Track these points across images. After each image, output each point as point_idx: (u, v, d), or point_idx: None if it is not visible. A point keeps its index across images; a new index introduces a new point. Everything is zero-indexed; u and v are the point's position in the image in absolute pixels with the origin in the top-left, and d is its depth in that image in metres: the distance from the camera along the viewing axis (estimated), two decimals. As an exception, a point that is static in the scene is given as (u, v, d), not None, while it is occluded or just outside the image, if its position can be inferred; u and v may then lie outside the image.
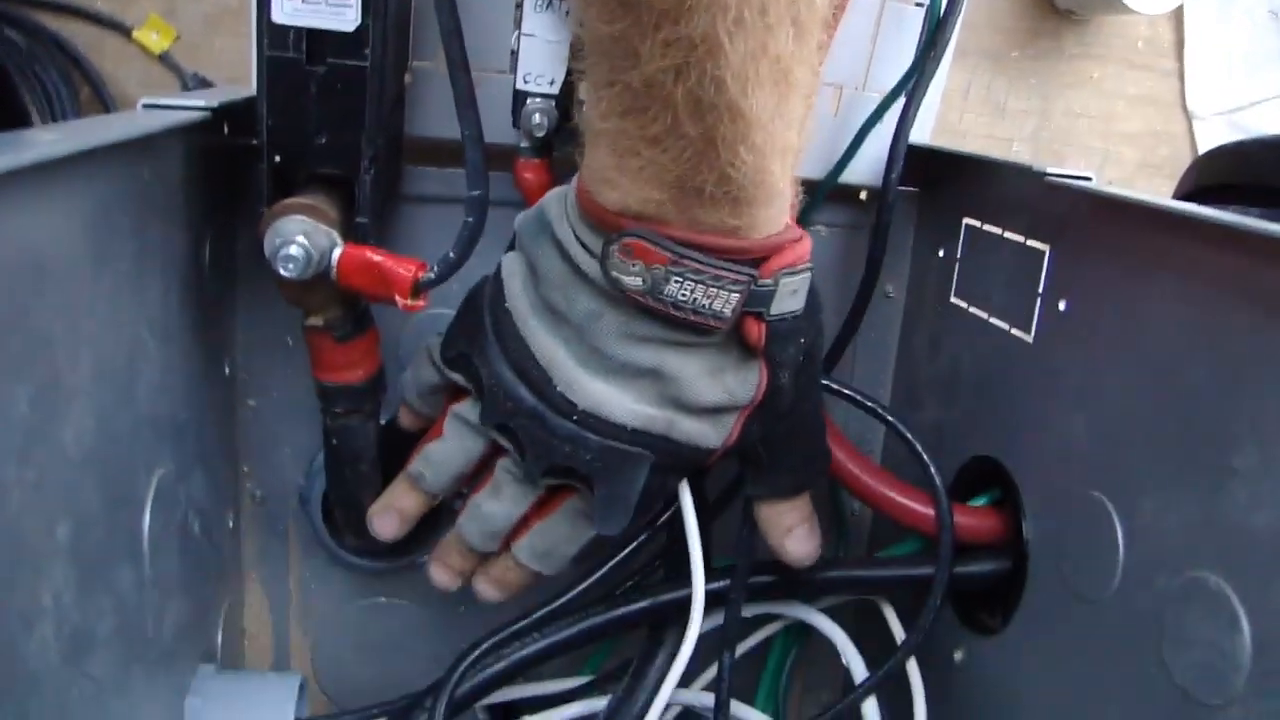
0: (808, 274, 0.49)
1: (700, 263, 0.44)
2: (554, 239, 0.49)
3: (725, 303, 0.46)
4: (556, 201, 0.50)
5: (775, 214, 0.46)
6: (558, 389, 0.49)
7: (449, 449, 0.57)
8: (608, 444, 0.50)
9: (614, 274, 0.45)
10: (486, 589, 0.60)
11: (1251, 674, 0.43)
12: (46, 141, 0.33)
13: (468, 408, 0.55)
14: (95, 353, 0.41)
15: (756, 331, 0.48)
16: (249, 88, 0.53)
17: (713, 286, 0.45)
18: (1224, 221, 0.44)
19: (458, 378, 0.55)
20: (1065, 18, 0.97)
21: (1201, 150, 1.03)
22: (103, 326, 0.42)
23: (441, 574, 0.60)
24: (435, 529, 0.67)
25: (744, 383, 0.50)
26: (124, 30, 0.84)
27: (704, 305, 0.45)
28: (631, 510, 0.52)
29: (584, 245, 0.47)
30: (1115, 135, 1.04)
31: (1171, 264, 0.48)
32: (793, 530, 0.58)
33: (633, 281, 0.45)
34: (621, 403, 0.49)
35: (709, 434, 0.51)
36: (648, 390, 0.49)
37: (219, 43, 0.86)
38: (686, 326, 0.47)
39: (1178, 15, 1.00)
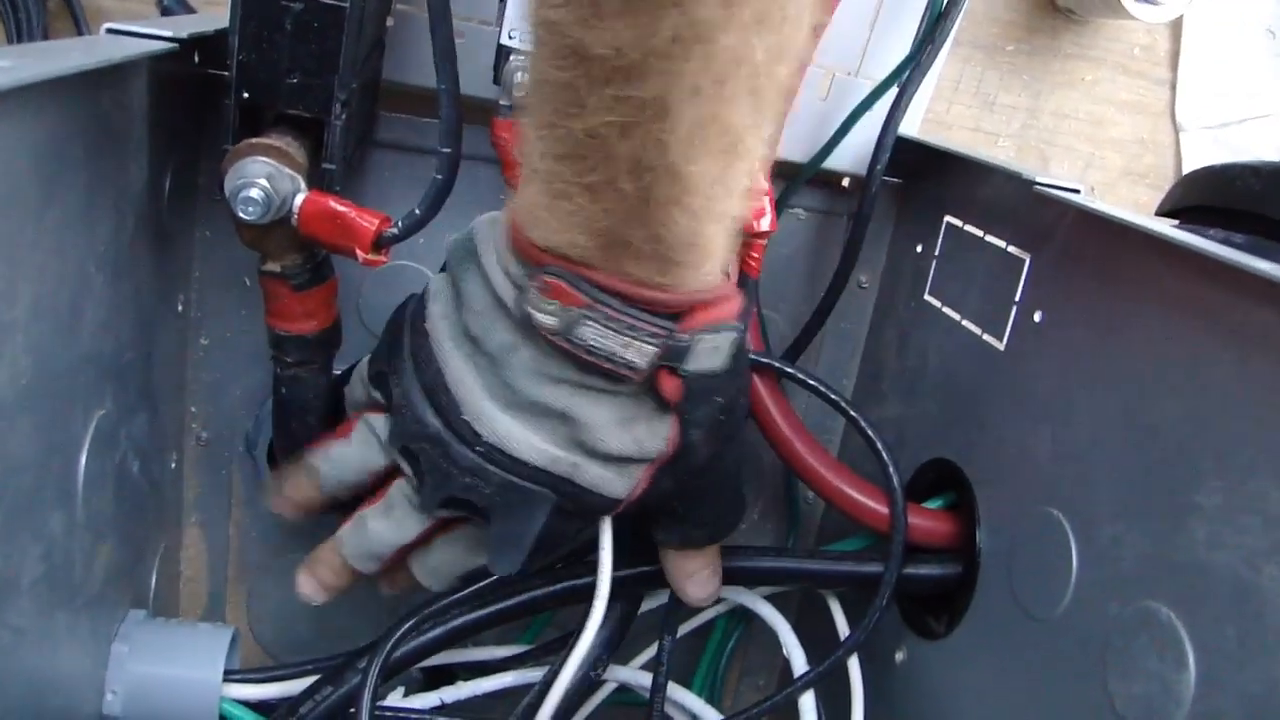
0: (733, 334, 0.47)
1: (617, 310, 0.43)
2: (479, 265, 0.47)
3: (639, 353, 0.44)
4: (487, 226, 0.48)
5: (705, 274, 0.44)
6: (464, 418, 0.47)
7: (350, 454, 0.55)
8: (509, 479, 0.48)
9: (530, 310, 0.44)
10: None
11: (1192, 712, 0.43)
12: (-4, 68, 0.31)
13: (380, 421, 0.54)
14: (35, 288, 0.39)
15: (671, 386, 0.46)
16: (225, 16, 0.51)
17: (627, 335, 0.44)
18: (1210, 252, 0.43)
19: (377, 395, 0.54)
20: (1064, 16, 0.96)
21: (1186, 163, 1.02)
22: (46, 261, 0.40)
23: (307, 586, 0.58)
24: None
25: (654, 435, 0.48)
26: (99, -61, 0.81)
27: (617, 353, 0.44)
28: (527, 551, 0.50)
29: (508, 275, 0.45)
30: (1102, 140, 1.03)
31: (1153, 289, 0.47)
32: (694, 575, 0.58)
33: (548, 320, 0.43)
34: (527, 439, 0.47)
35: (615, 483, 0.49)
36: (556, 431, 0.47)
37: (200, -38, 0.83)
38: (599, 372, 0.45)
39: (1176, 25, 0.99)
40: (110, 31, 0.46)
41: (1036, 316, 0.55)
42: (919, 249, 0.67)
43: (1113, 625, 0.48)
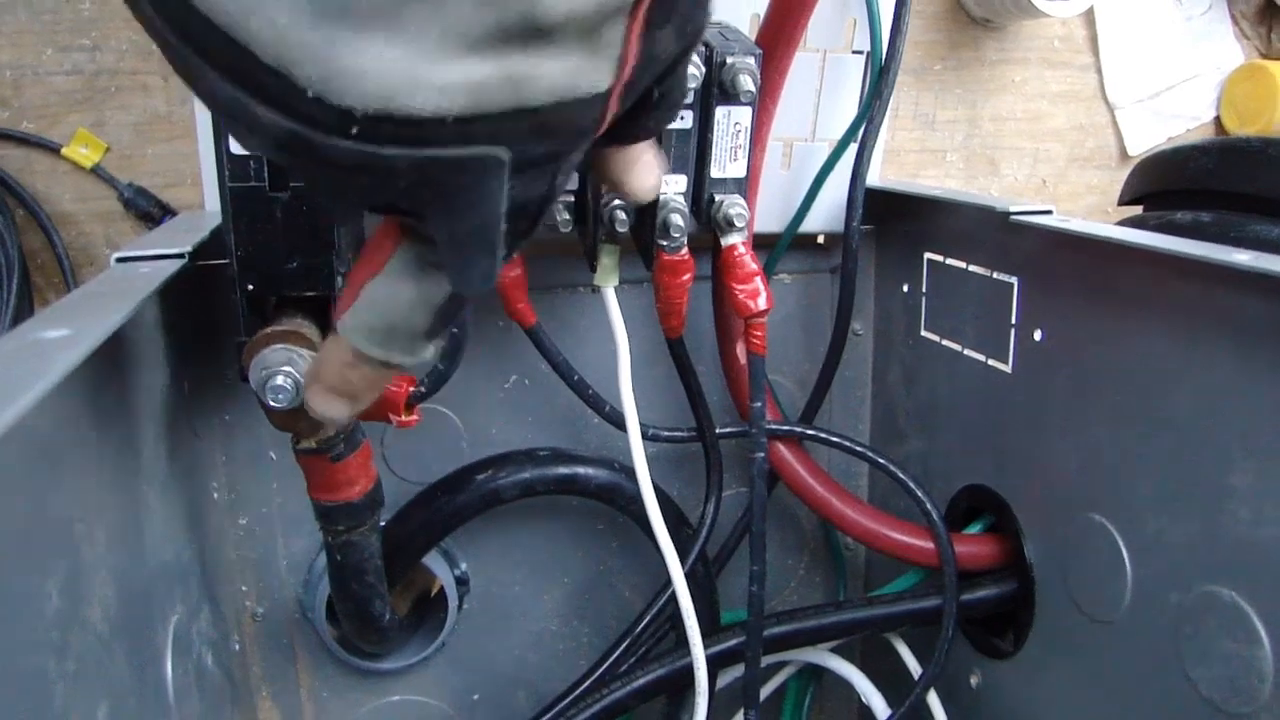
0: None
1: None
2: None
3: None
4: None
5: None
6: (308, 92, 0.26)
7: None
8: (423, 158, 0.28)
9: None
10: (322, 401, 0.41)
11: (1277, 680, 0.45)
12: (57, 342, 0.33)
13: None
14: (106, 524, 0.41)
15: None
16: (197, 204, 0.52)
17: None
18: (1185, 254, 0.45)
19: None
20: (982, 26, 0.99)
21: (1126, 138, 1.06)
22: (108, 496, 0.42)
23: (322, 401, 0.41)
24: (441, 612, 0.68)
25: None
26: (52, 148, 0.83)
27: None
28: (498, 247, 0.32)
29: None
30: (1043, 133, 1.06)
31: (1141, 292, 0.49)
32: (639, 160, 0.42)
33: None
34: (423, 76, 0.27)
35: (584, 70, 0.29)
36: (460, 32, 0.27)
37: (151, 150, 0.85)
38: None
39: (1089, 13, 1.03)
40: (121, 260, 0.48)
41: (1037, 335, 0.57)
42: (905, 289, 0.69)
43: (1179, 615, 0.49)
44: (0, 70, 0.79)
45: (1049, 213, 0.56)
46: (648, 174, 0.42)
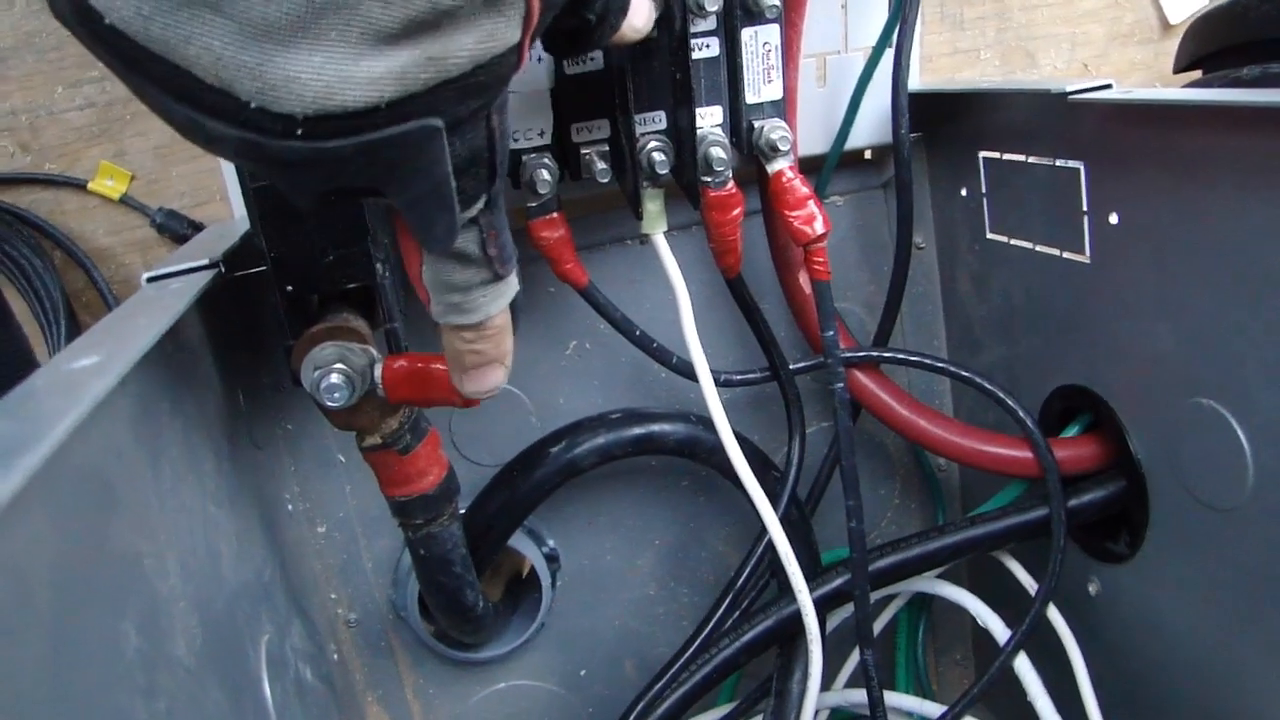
0: None
1: None
2: None
3: None
4: None
5: None
6: (250, 104, 0.29)
7: None
8: (365, 143, 0.31)
9: None
10: (479, 383, 0.45)
11: None
12: (86, 371, 0.31)
13: None
14: (177, 552, 0.39)
15: None
16: (230, 217, 0.51)
17: None
18: (1263, 103, 0.42)
19: None
20: (999, -87, 0.95)
21: (1167, 7, 1.01)
22: (175, 522, 0.40)
23: (486, 376, 0.45)
24: (536, 592, 0.66)
25: None
26: (79, 185, 0.82)
27: None
28: (453, 201, 0.35)
29: None
30: (1077, 16, 1.02)
31: (1221, 154, 0.46)
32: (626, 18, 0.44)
33: None
34: (350, 74, 0.29)
35: (496, 31, 0.32)
36: (375, 30, 0.29)
37: (175, 171, 0.84)
38: None
39: (1109, -120, 0.98)
40: (151, 280, 0.46)
41: (1113, 219, 0.54)
42: (964, 193, 0.66)
43: (1311, 492, 0.46)
44: (15, 115, 0.78)
45: (1109, 87, 0.52)
46: (635, 21, 0.44)
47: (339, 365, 0.48)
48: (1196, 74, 0.73)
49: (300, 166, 0.31)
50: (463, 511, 0.61)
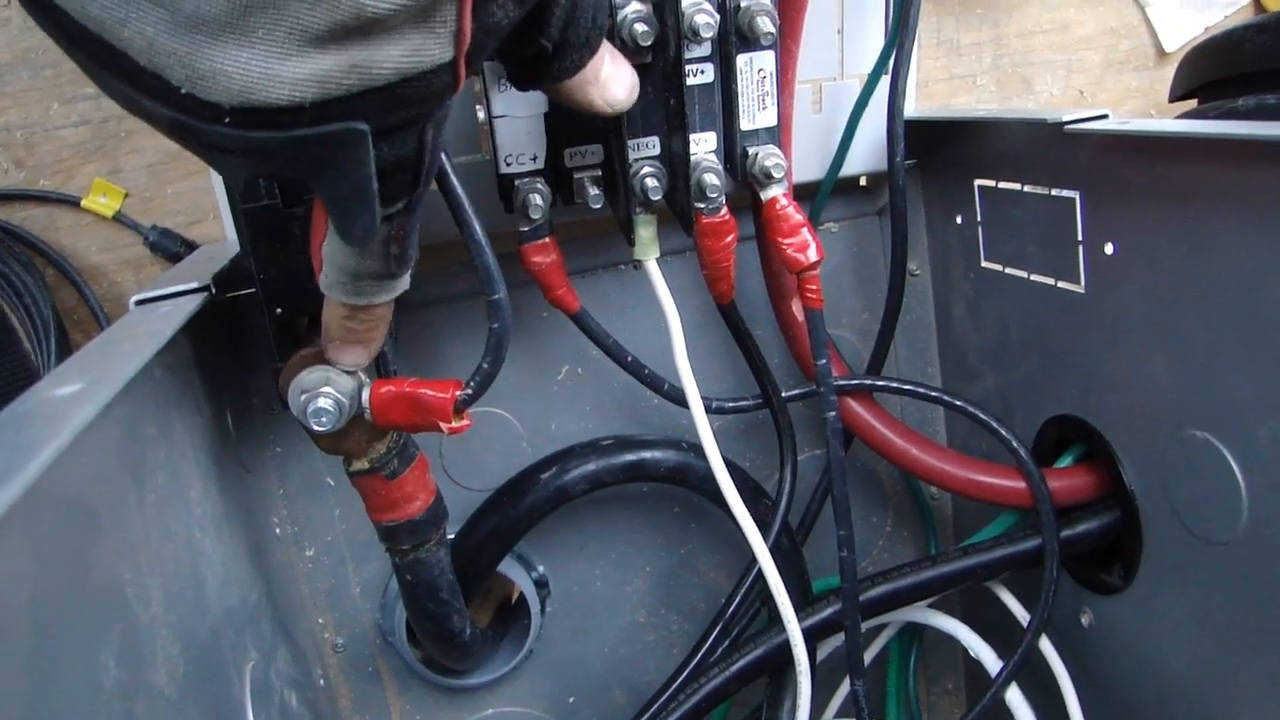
0: None
1: None
2: None
3: None
4: None
5: None
6: (181, 90, 0.30)
7: None
8: (290, 137, 0.32)
9: None
10: (339, 353, 0.47)
11: None
12: (69, 399, 0.31)
13: None
14: (160, 579, 0.39)
15: None
16: (223, 238, 0.51)
17: None
18: (1262, 137, 0.42)
19: None
20: (996, -60, 0.95)
21: (1161, 35, 1.01)
22: (159, 548, 0.40)
23: (346, 353, 0.47)
24: (525, 618, 0.66)
25: None
26: (72, 202, 0.82)
27: None
28: (372, 202, 0.35)
29: None
30: (1073, 43, 1.02)
31: (1218, 186, 0.46)
32: (602, 76, 0.45)
33: None
34: (275, 73, 0.30)
35: (427, 46, 0.33)
36: (301, 31, 0.30)
37: (170, 189, 0.83)
38: None
39: (1106, -93, 0.98)
40: (140, 303, 0.46)
41: (1108, 249, 0.54)
42: (959, 220, 0.65)
43: (1306, 527, 0.46)
44: (10, 131, 0.78)
45: (1105, 117, 0.52)
46: (618, 88, 0.46)
47: (326, 389, 0.48)
48: (1192, 103, 0.73)
49: (228, 152, 0.33)
50: (451, 537, 0.61)
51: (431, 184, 0.39)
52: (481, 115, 0.56)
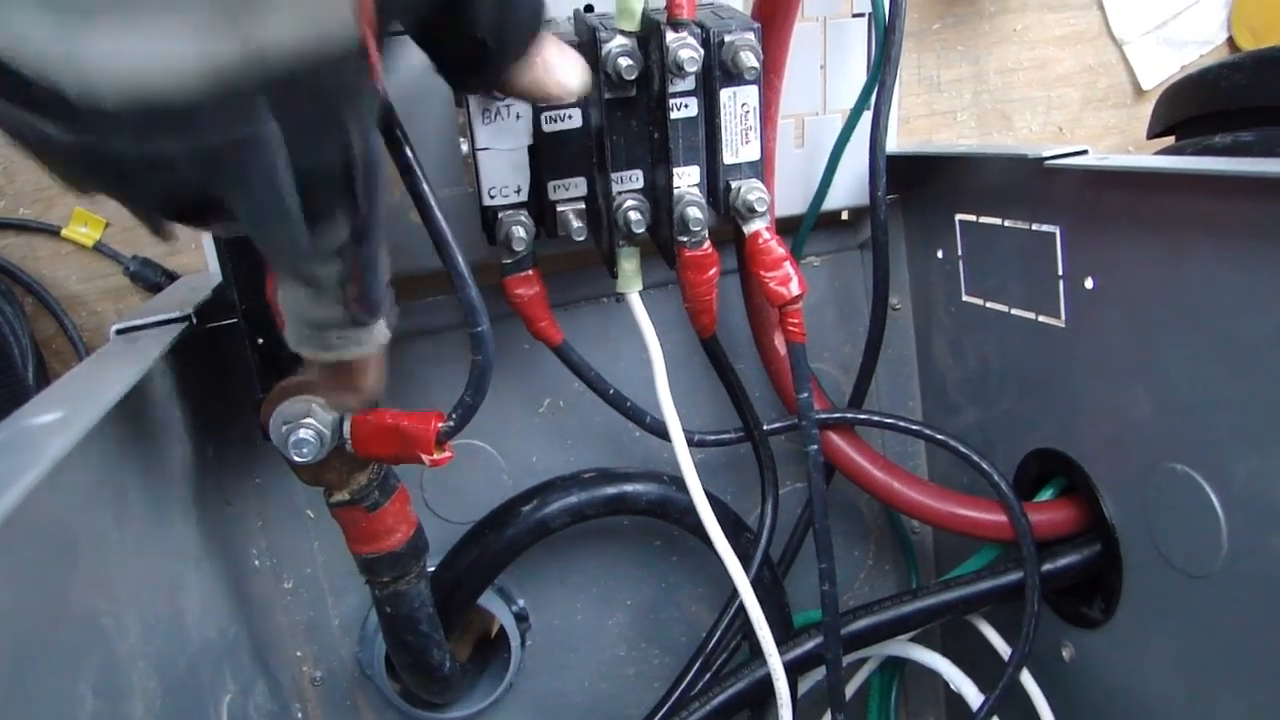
0: None
1: None
2: None
3: None
4: None
5: None
6: (72, 99, 0.27)
7: None
8: (194, 146, 0.29)
9: None
10: (337, 403, 0.47)
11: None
12: (47, 428, 0.30)
13: None
14: (138, 610, 0.39)
15: None
16: (203, 268, 0.50)
17: None
18: (1238, 173, 0.42)
19: None
20: (975, -21, 0.96)
21: (1139, 72, 1.02)
22: (138, 579, 0.39)
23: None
24: (505, 652, 0.66)
25: None
26: (52, 231, 0.82)
27: None
28: (293, 217, 0.32)
29: None
30: (1052, 80, 1.03)
31: (1196, 221, 0.46)
32: (550, 63, 0.43)
33: None
34: (171, 67, 0.27)
35: (325, 7, 0.29)
36: (191, 17, 0.27)
37: (150, 219, 0.83)
38: None
39: (1083, -52, 1.00)
40: (120, 333, 0.45)
41: (1088, 283, 0.54)
42: (939, 255, 0.66)
43: (1284, 561, 0.46)
44: (-9, 159, 0.78)
45: (1084, 153, 0.53)
46: (566, 75, 0.43)
47: (308, 420, 0.47)
48: (1170, 140, 0.73)
49: (133, 171, 0.29)
50: (432, 569, 0.60)
51: (382, 213, 0.35)
52: (464, 148, 0.56)
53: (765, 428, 0.63)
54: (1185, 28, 1.04)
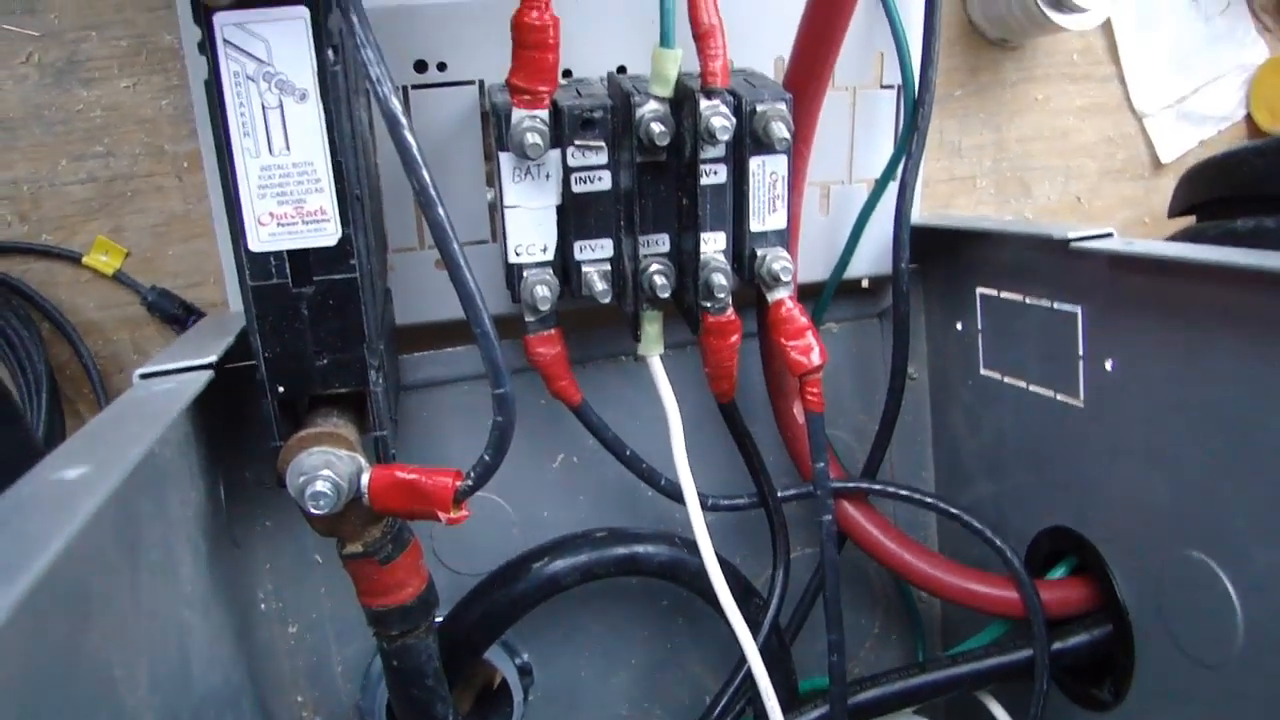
0: None
1: None
2: None
3: None
4: None
5: None
6: None
7: None
8: None
9: None
10: None
11: None
12: (77, 483, 0.30)
13: None
14: (148, 660, 0.38)
15: None
16: (220, 302, 0.50)
17: None
18: (1255, 266, 0.42)
19: None
20: (999, 47, 0.97)
21: (1158, 146, 1.03)
22: (148, 628, 0.39)
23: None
24: (506, 706, 0.65)
25: None
26: (73, 258, 0.82)
27: None
28: None
29: None
30: (1072, 150, 1.04)
31: (1220, 311, 0.46)
32: None
33: None
34: None
35: None
36: None
37: (171, 251, 0.83)
38: None
39: (1106, 23, 1.01)
40: (144, 377, 0.45)
41: (1108, 365, 0.54)
42: (959, 327, 0.66)
43: (1301, 657, 0.46)
44: (18, 185, 0.78)
45: (1110, 235, 0.53)
46: None
47: (325, 472, 0.47)
48: (1190, 219, 0.74)
49: None
50: (440, 620, 0.60)
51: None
52: (489, 196, 0.56)
53: (779, 494, 0.63)
54: (1204, 103, 1.05)
